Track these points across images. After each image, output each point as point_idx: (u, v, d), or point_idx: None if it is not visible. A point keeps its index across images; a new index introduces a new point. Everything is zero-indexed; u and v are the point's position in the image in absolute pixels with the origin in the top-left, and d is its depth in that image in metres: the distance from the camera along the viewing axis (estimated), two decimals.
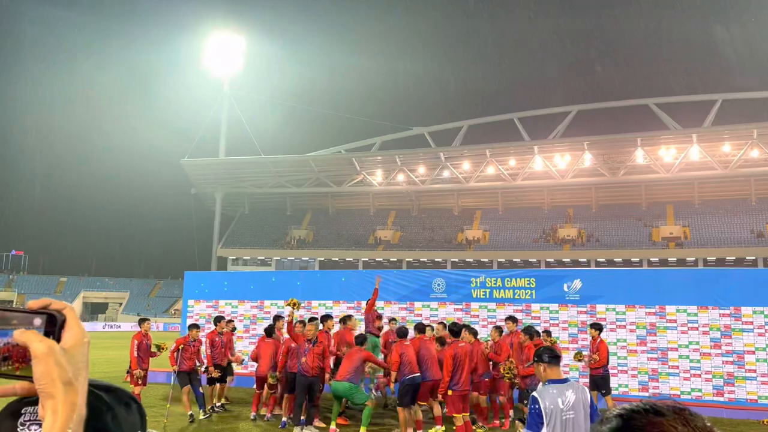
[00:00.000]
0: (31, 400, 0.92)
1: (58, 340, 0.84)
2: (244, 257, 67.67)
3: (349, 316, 12.67)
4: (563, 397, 4.41)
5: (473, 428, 10.46)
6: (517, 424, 10.21)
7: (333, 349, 11.74)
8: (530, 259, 58.85)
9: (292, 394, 11.31)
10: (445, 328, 11.58)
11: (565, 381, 4.62)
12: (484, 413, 11.65)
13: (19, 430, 0.92)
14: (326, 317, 12.02)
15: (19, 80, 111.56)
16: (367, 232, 66.30)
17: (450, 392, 9.64)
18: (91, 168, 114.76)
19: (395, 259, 62.69)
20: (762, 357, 12.96)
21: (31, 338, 0.82)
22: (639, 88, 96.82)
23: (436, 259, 61.54)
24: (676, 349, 13.58)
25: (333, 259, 64.37)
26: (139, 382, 11.67)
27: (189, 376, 11.68)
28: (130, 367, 12.09)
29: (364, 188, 66.78)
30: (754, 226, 54.34)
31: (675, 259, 54.66)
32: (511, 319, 12.20)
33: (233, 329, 14.01)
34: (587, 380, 12.08)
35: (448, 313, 15.03)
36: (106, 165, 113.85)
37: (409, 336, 11.25)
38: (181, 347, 11.75)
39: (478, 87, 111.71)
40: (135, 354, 11.78)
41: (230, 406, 13.23)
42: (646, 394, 13.45)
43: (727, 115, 54.15)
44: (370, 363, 11.17)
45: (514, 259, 59.07)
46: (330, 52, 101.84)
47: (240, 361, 13.82)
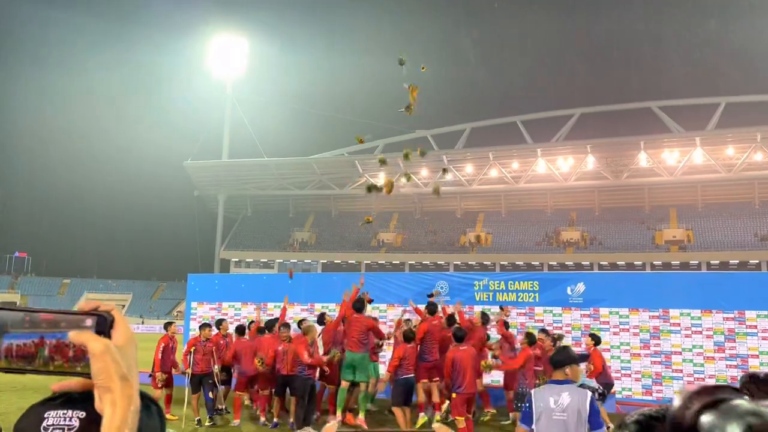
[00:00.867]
0: (55, 403, 0.98)
1: (109, 338, 0.91)
2: (247, 259, 67.72)
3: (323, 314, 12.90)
4: (557, 398, 4.50)
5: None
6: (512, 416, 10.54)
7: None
8: (533, 262, 58.77)
9: (280, 396, 11.45)
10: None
11: (564, 383, 4.64)
12: (485, 398, 12.03)
13: None
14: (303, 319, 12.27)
15: (22, 83, 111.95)
16: (369, 235, 66.30)
17: (454, 395, 9.65)
18: (94, 170, 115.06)
19: (398, 262, 62.66)
20: (766, 361, 12.91)
21: (88, 338, 0.90)
22: (642, 91, 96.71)
23: (439, 262, 61.49)
24: (680, 353, 13.54)
25: (335, 262, 64.37)
26: (160, 385, 11.65)
27: (201, 380, 11.35)
28: (153, 370, 12.05)
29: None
30: (757, 230, 54.21)
31: (678, 263, 54.54)
32: (544, 332, 12.05)
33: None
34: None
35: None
36: (109, 167, 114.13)
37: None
38: (192, 349, 11.50)
39: (481, 90, 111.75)
40: (159, 356, 11.82)
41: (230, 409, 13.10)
42: (650, 398, 13.41)
43: (731, 118, 54.10)
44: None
45: (517, 262, 59.01)
46: (333, 54, 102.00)
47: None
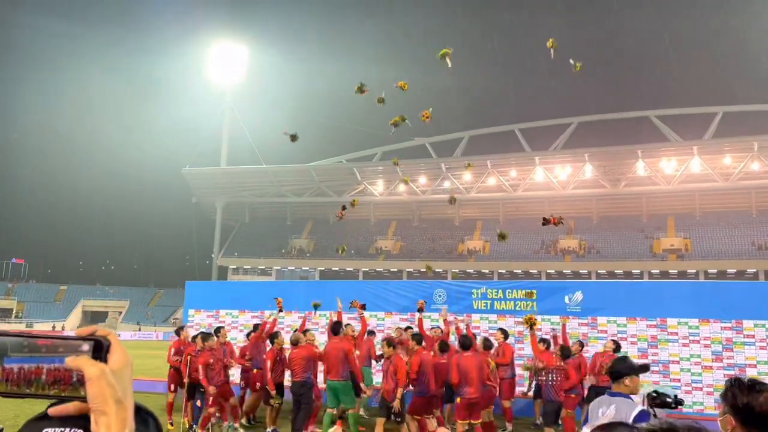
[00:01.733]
0: (52, 420, 0.98)
1: (105, 363, 0.94)
2: (245, 267, 67.62)
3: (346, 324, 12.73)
4: (605, 409, 4.57)
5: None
6: None
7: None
8: (531, 271, 58.80)
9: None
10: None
11: (617, 395, 4.67)
12: (508, 414, 12.03)
13: None
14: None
15: (21, 90, 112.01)
16: (367, 242, 66.29)
17: (458, 400, 9.84)
18: (92, 177, 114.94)
19: (396, 270, 62.65)
20: (764, 371, 12.90)
21: (84, 363, 0.92)
22: (640, 100, 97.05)
23: (437, 270, 61.46)
24: (678, 362, 13.54)
25: (333, 269, 64.32)
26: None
27: (195, 389, 11.28)
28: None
29: (365, 198, 66.75)
30: (755, 239, 54.31)
31: (676, 272, 54.59)
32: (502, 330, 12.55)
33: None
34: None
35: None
36: (108, 174, 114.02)
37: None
38: (189, 358, 11.32)
39: (480, 98, 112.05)
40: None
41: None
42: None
43: (728, 127, 54.34)
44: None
45: (515, 270, 59.03)
46: (332, 61, 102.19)
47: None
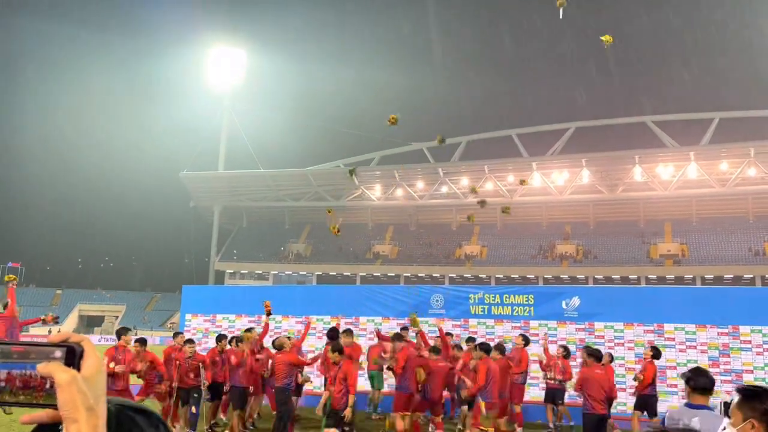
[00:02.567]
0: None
1: (78, 369, 0.93)
2: (242, 271, 67.51)
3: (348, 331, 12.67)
4: (687, 422, 4.28)
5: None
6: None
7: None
8: (528, 276, 58.83)
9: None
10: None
11: (700, 407, 4.37)
12: (519, 419, 12.07)
13: None
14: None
15: (17, 94, 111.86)
16: (365, 247, 66.25)
17: (482, 404, 9.82)
18: (89, 180, 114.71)
19: (393, 274, 62.61)
20: (760, 376, 12.93)
21: (55, 369, 0.91)
22: (637, 106, 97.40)
23: (435, 275, 61.48)
24: (675, 368, 13.54)
25: (331, 274, 64.26)
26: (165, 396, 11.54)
27: (188, 394, 11.13)
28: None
29: (363, 203, 66.87)
30: (751, 244, 54.41)
31: (673, 277, 54.65)
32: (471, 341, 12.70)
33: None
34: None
35: (446, 330, 14.98)
36: (105, 177, 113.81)
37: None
38: (177, 363, 11.24)
39: (477, 103, 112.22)
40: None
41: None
42: (645, 413, 13.38)
43: (725, 133, 54.49)
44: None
45: (512, 276, 59.04)
46: (330, 66, 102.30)
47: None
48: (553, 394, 12.75)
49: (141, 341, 11.32)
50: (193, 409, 11.03)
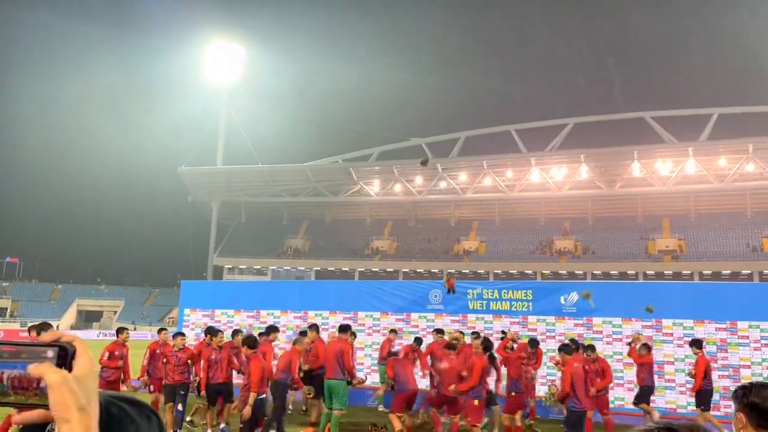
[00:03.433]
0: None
1: (70, 369, 0.91)
2: (240, 266, 67.50)
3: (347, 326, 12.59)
4: None
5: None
6: None
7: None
8: (526, 271, 58.87)
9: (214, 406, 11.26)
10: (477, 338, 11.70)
11: None
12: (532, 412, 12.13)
13: None
14: (273, 328, 11.94)
15: (16, 89, 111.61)
16: (363, 242, 66.26)
17: (476, 402, 9.62)
18: (88, 176, 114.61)
19: (392, 270, 62.64)
20: (758, 371, 12.96)
21: (46, 370, 0.89)
22: (636, 102, 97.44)
23: (433, 270, 61.48)
24: (672, 363, 13.58)
25: (329, 269, 64.26)
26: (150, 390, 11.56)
27: (174, 391, 10.73)
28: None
29: (361, 198, 66.84)
30: (749, 240, 54.48)
31: (671, 272, 54.70)
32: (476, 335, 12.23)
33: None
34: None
35: (444, 325, 14.99)
36: (104, 173, 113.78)
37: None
38: (164, 359, 11.02)
39: (476, 98, 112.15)
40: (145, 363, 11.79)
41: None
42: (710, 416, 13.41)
43: (723, 129, 54.46)
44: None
45: (511, 271, 59.08)
46: (329, 62, 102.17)
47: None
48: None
49: (176, 335, 11.58)
50: (179, 407, 10.68)
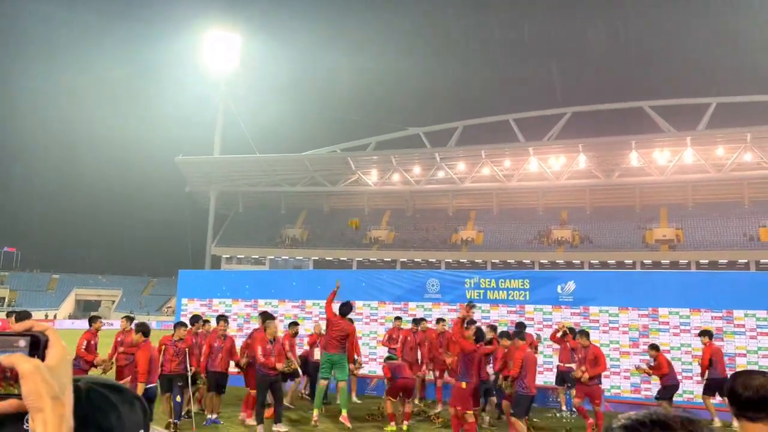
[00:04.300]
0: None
1: (43, 358, 0.91)
2: (238, 256, 67.55)
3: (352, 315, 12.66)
4: None
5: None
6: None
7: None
8: (524, 261, 58.99)
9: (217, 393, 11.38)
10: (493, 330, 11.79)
11: None
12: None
13: None
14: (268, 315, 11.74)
15: (13, 79, 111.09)
16: (361, 232, 66.29)
17: (463, 385, 9.30)
18: (84, 165, 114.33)
19: (389, 259, 62.72)
20: (753, 360, 13.03)
21: (18, 360, 0.89)
22: (634, 91, 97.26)
23: (431, 260, 61.59)
24: (669, 351, 13.62)
25: (327, 259, 64.34)
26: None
27: (170, 381, 10.66)
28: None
29: (359, 188, 66.80)
30: (746, 230, 54.60)
31: (668, 262, 54.87)
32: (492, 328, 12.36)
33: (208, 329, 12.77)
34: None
35: (442, 314, 15.05)
36: (100, 162, 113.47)
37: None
38: (163, 347, 10.79)
39: (474, 88, 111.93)
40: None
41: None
42: (639, 396, 13.52)
43: (721, 118, 54.45)
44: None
45: (508, 260, 59.18)
46: (327, 51, 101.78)
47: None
48: (562, 377, 12.85)
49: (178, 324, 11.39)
50: (178, 398, 10.64)
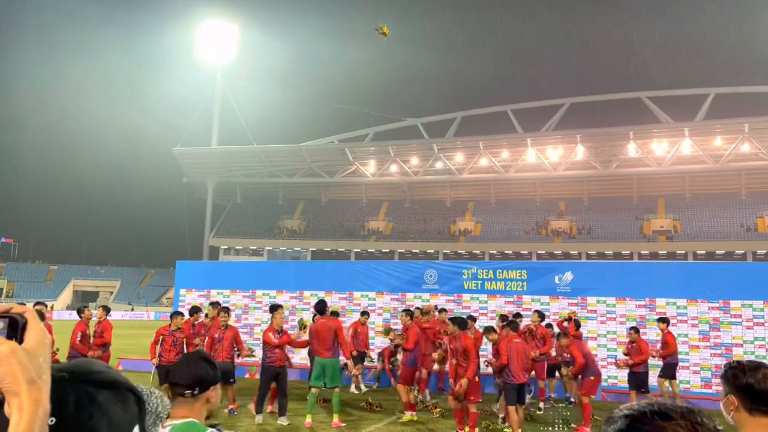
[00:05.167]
0: None
1: (21, 341, 0.89)
2: (236, 247, 67.56)
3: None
4: None
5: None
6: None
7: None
8: (522, 251, 59.05)
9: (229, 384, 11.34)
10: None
11: None
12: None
13: None
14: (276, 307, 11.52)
15: (8, 70, 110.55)
16: (359, 223, 66.29)
17: (477, 379, 9.46)
18: (83, 156, 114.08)
19: (387, 250, 62.75)
20: (750, 350, 13.09)
21: None
22: (632, 82, 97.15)
23: (429, 251, 61.64)
24: None
25: (325, 250, 64.37)
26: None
27: (168, 371, 10.89)
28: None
29: (357, 179, 66.73)
30: (743, 220, 54.71)
31: (665, 252, 54.99)
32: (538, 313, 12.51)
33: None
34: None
35: (439, 305, 15.09)
36: (99, 153, 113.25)
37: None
38: (161, 338, 10.88)
39: (472, 79, 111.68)
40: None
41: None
42: (677, 389, 13.54)
43: (720, 109, 54.44)
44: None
45: (506, 251, 59.26)
46: (324, 42, 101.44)
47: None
48: (553, 368, 12.88)
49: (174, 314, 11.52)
50: None
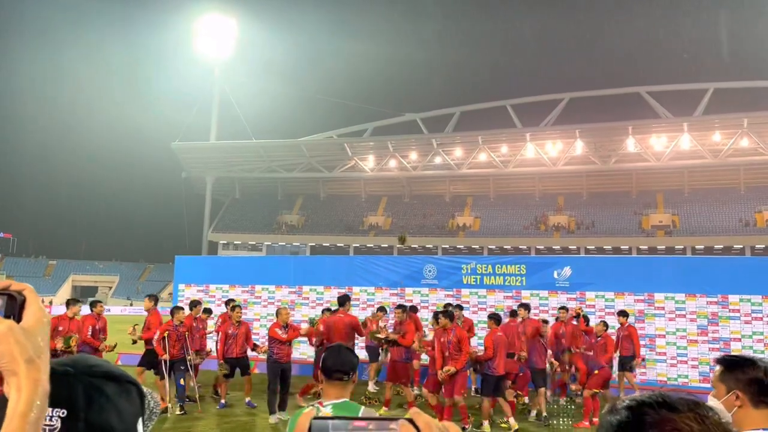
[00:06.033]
0: None
1: (19, 320, 0.86)
2: (235, 242, 67.55)
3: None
4: None
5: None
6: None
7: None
8: (521, 246, 59.07)
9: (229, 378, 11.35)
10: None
11: None
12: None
13: None
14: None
15: (5, 64, 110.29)
16: (358, 218, 66.29)
17: (468, 372, 9.74)
18: (81, 151, 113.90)
19: (386, 245, 62.73)
20: (748, 344, 13.13)
21: None
22: (631, 76, 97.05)
23: (428, 246, 61.66)
24: (664, 336, 13.73)
25: (324, 245, 64.37)
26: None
27: (173, 366, 10.65)
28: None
29: (356, 174, 66.68)
30: (742, 215, 54.77)
31: (664, 247, 55.06)
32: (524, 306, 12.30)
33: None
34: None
35: (438, 299, 15.12)
36: (97, 148, 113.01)
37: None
38: (166, 334, 10.78)
39: (471, 74, 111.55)
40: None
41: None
42: (634, 380, 13.59)
43: (718, 104, 54.40)
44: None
45: (505, 246, 59.29)
46: (322, 36, 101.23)
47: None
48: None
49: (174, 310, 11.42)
50: (182, 381, 10.69)
